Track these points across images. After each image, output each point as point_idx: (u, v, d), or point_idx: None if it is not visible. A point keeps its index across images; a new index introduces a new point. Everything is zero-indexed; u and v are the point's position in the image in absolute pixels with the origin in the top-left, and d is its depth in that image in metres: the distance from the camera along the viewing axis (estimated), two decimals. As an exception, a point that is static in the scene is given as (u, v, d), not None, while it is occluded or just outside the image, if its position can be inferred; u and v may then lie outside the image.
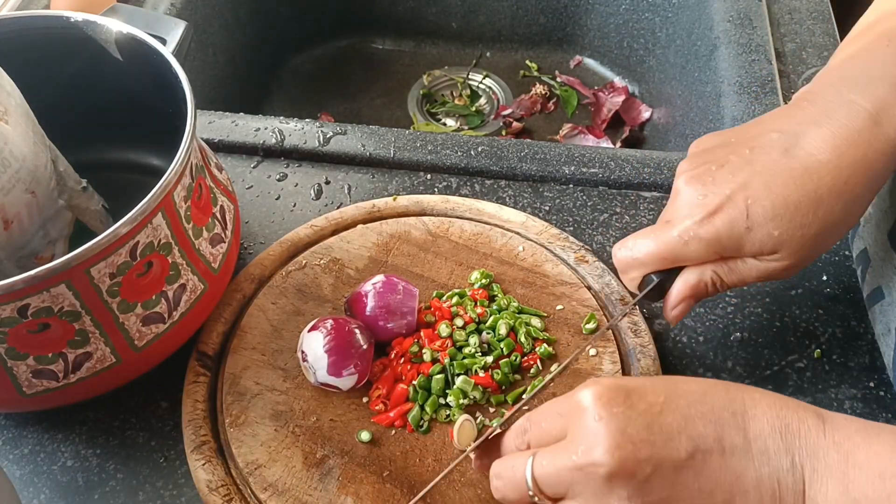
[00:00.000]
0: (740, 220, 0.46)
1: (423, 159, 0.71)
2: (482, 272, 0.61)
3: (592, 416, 0.39)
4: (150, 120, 0.60)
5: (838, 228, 0.47)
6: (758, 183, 0.46)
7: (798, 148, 0.46)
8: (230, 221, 0.57)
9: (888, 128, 0.45)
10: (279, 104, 1.08)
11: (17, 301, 0.45)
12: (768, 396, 0.41)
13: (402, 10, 1.12)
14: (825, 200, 0.45)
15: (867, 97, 0.46)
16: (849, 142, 0.45)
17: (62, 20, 0.58)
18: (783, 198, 0.45)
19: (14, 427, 0.56)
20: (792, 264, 0.47)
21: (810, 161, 0.45)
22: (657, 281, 0.50)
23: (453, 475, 0.51)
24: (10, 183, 0.50)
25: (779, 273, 0.48)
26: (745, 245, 0.47)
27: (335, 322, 0.54)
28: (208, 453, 0.52)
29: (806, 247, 0.46)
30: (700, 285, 0.49)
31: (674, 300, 0.50)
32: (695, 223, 0.47)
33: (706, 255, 0.48)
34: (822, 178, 0.45)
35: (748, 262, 0.48)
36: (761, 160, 0.46)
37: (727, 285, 0.49)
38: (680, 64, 0.95)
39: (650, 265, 0.50)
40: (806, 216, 0.45)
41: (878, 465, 0.38)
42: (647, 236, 0.49)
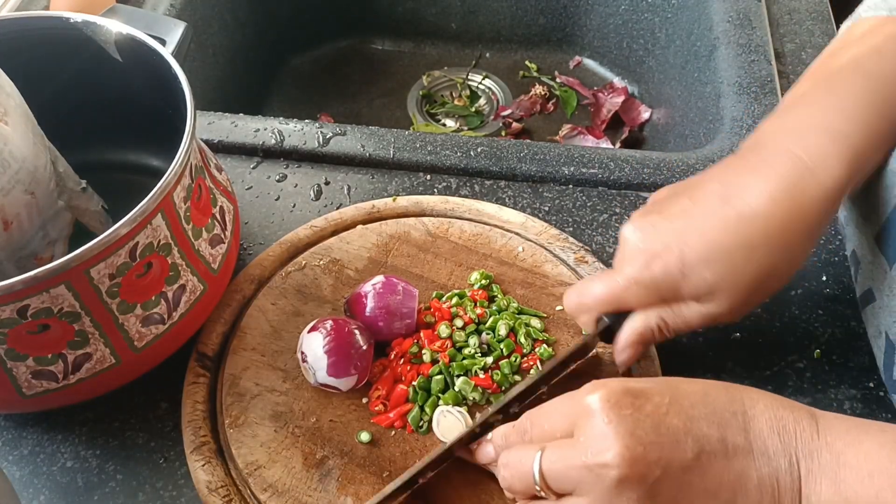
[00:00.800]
0: (675, 266, 0.47)
1: (422, 160, 0.71)
2: (482, 273, 0.61)
3: (602, 419, 0.40)
4: (149, 121, 0.60)
5: (777, 274, 0.48)
6: (693, 230, 0.47)
7: (735, 197, 0.47)
8: (230, 222, 0.57)
9: (823, 177, 0.46)
10: (279, 105, 1.08)
11: (16, 302, 0.45)
12: (765, 396, 0.42)
13: (401, 10, 1.12)
14: (759, 247, 0.46)
15: (803, 147, 0.47)
16: (783, 191, 0.46)
17: (62, 21, 0.58)
18: (717, 244, 0.47)
19: (14, 428, 0.56)
20: (731, 307, 0.48)
21: (745, 209, 0.46)
22: (608, 323, 0.52)
23: (453, 474, 0.51)
24: (10, 184, 0.50)
25: (723, 316, 0.49)
26: (683, 289, 0.48)
27: (335, 323, 0.54)
28: (208, 454, 0.52)
29: (742, 291, 0.48)
30: (646, 331, 0.51)
31: (621, 345, 0.52)
32: (635, 270, 0.49)
33: (647, 300, 0.50)
34: (756, 226, 0.46)
35: (690, 306, 0.49)
36: (699, 209, 0.48)
37: (673, 330, 0.50)
38: (679, 64, 0.95)
39: (597, 309, 0.52)
40: (739, 263, 0.46)
41: (868, 464, 0.39)
42: (593, 282, 0.52)
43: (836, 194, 0.47)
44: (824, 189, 0.46)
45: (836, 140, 0.46)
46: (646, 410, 0.40)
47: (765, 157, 0.48)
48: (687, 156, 0.71)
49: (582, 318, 0.53)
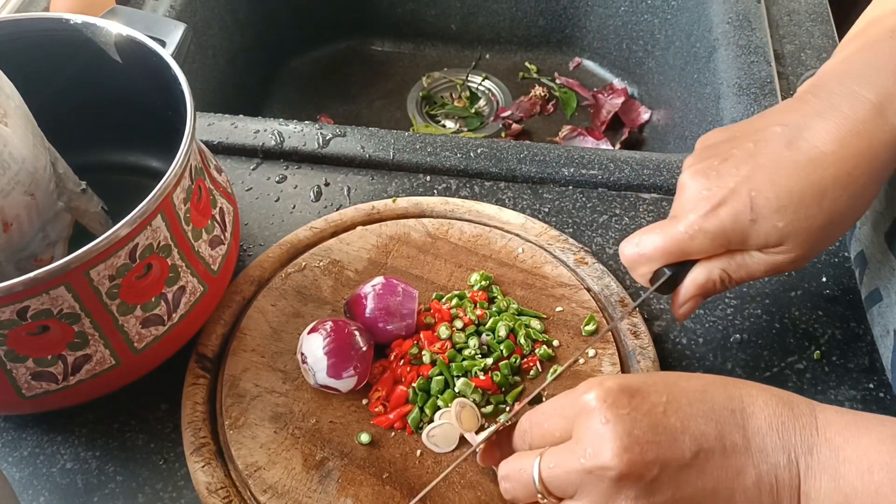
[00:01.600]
0: (745, 213, 0.46)
1: (422, 161, 0.71)
2: (482, 274, 0.61)
3: (599, 419, 0.40)
4: (149, 122, 0.60)
5: (844, 220, 0.47)
6: (761, 175, 0.46)
7: (802, 140, 0.46)
8: (230, 223, 0.57)
9: (892, 118, 0.45)
10: (278, 106, 1.08)
11: (16, 303, 0.45)
12: (764, 392, 0.42)
13: (401, 11, 1.12)
14: (830, 191, 0.45)
15: (871, 88, 0.45)
16: (852, 133, 0.45)
17: (62, 22, 0.58)
18: (787, 189, 0.45)
19: (13, 429, 0.56)
20: (799, 256, 0.47)
21: (814, 152, 0.45)
22: (669, 274, 0.49)
23: (453, 477, 0.51)
24: (10, 185, 0.50)
25: (786, 266, 0.48)
26: (751, 237, 0.47)
27: (335, 324, 0.54)
28: (208, 455, 0.52)
29: (812, 238, 0.46)
30: (708, 283, 0.49)
31: (682, 298, 0.50)
32: (699, 217, 0.47)
33: (712, 249, 0.48)
34: (826, 170, 0.45)
35: (755, 256, 0.48)
36: (765, 153, 0.46)
37: (735, 281, 0.49)
38: (679, 65, 0.95)
39: (658, 260, 0.50)
40: (811, 207, 0.45)
41: (867, 459, 0.39)
42: (653, 232, 0.49)
43: None
44: (893, 130, 0.45)
45: None
46: (643, 409, 0.40)
47: (830, 100, 0.46)
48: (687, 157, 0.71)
49: (640, 270, 0.51)
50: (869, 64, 0.47)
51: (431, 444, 0.52)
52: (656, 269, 0.50)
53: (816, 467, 0.40)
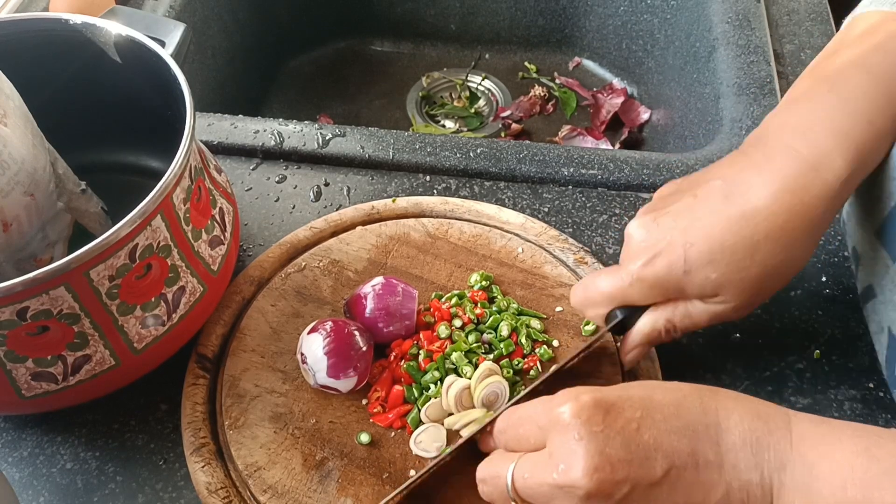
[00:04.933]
0: (678, 264, 0.48)
1: (422, 161, 0.71)
2: (482, 274, 0.61)
3: (572, 435, 0.40)
4: (149, 122, 0.60)
5: (781, 271, 0.48)
6: (696, 228, 0.47)
7: (737, 194, 0.47)
8: (229, 223, 0.57)
9: (826, 174, 0.46)
10: (278, 106, 1.08)
11: (16, 304, 0.45)
12: (740, 405, 0.42)
13: (400, 11, 1.12)
14: (762, 245, 0.46)
15: (806, 144, 0.47)
16: (785, 188, 0.46)
17: (61, 23, 0.58)
18: (720, 242, 0.47)
19: (13, 429, 0.56)
20: (737, 306, 0.49)
21: (747, 207, 0.47)
22: (619, 318, 0.52)
23: (452, 478, 0.51)
24: (9, 185, 0.50)
25: (729, 314, 0.49)
26: (687, 288, 0.48)
27: (334, 324, 0.54)
28: (207, 455, 0.52)
29: (748, 289, 0.48)
30: (653, 333, 0.51)
31: (629, 345, 0.52)
32: (638, 267, 0.49)
33: (651, 297, 0.50)
34: (759, 224, 0.46)
35: (697, 305, 0.49)
36: (702, 207, 0.48)
37: (680, 330, 0.51)
38: (679, 65, 0.95)
39: (602, 304, 0.52)
40: (743, 260, 0.47)
41: (840, 475, 0.39)
42: (599, 277, 0.52)
43: (840, 191, 0.47)
44: (827, 186, 0.46)
45: (838, 137, 0.46)
46: (617, 426, 0.40)
47: (767, 154, 0.48)
48: (686, 157, 0.71)
49: (588, 313, 0.54)
50: (805, 118, 0.48)
51: (420, 449, 0.52)
52: (609, 312, 0.52)
53: (790, 484, 0.40)
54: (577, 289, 0.53)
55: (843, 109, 0.47)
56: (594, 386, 0.43)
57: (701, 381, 0.57)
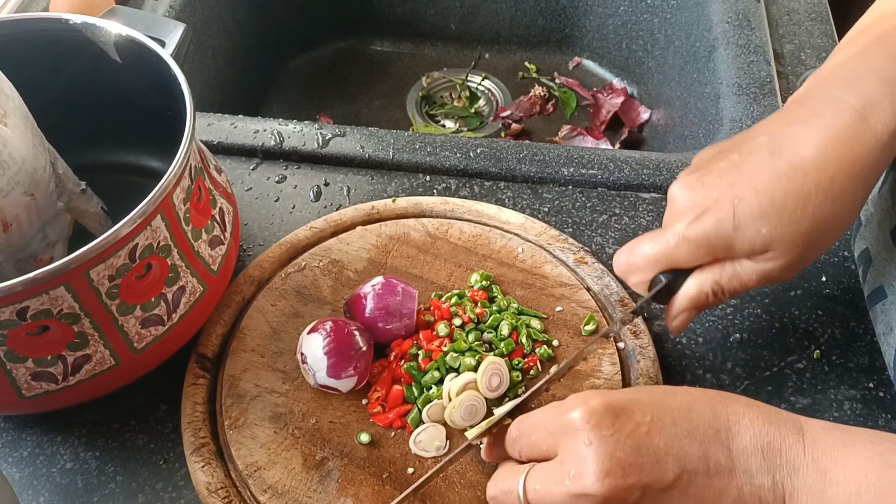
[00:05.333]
0: (727, 220, 0.46)
1: (422, 161, 0.71)
2: (482, 274, 0.61)
3: (582, 440, 0.40)
4: (149, 122, 0.60)
5: (833, 225, 0.47)
6: (744, 184, 0.46)
7: (784, 148, 0.46)
8: (229, 223, 0.57)
9: (875, 123, 0.45)
10: (278, 106, 1.08)
11: (16, 303, 0.45)
12: (751, 409, 0.42)
13: (400, 11, 1.12)
14: (812, 196, 0.45)
15: (854, 94, 0.46)
16: (834, 138, 0.45)
17: (61, 23, 0.58)
18: (769, 196, 0.45)
19: (13, 429, 0.56)
20: (788, 263, 0.47)
21: (795, 159, 0.45)
22: (664, 283, 0.50)
23: (452, 476, 0.51)
24: (9, 185, 0.50)
25: (778, 274, 0.48)
26: (736, 244, 0.47)
27: (334, 324, 0.54)
28: (207, 455, 0.52)
29: (799, 244, 0.46)
30: (700, 296, 0.49)
31: (675, 310, 0.51)
32: (684, 226, 0.48)
33: (698, 257, 0.48)
34: (808, 175, 0.45)
35: (745, 265, 0.48)
36: (749, 162, 0.47)
37: (728, 292, 0.49)
38: (679, 65, 0.95)
39: (647, 269, 0.50)
40: (794, 213, 0.45)
41: (854, 481, 0.39)
42: (642, 241, 0.50)
43: (890, 140, 0.45)
44: (877, 135, 0.45)
45: (885, 85, 0.45)
46: (627, 430, 0.40)
47: (814, 107, 0.47)
48: (686, 156, 0.71)
49: (632, 279, 0.52)
50: (853, 71, 0.47)
51: (419, 449, 0.52)
52: (653, 278, 0.50)
53: (803, 489, 0.39)
54: (619, 255, 0.52)
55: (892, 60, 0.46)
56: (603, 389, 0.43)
57: (701, 382, 0.57)
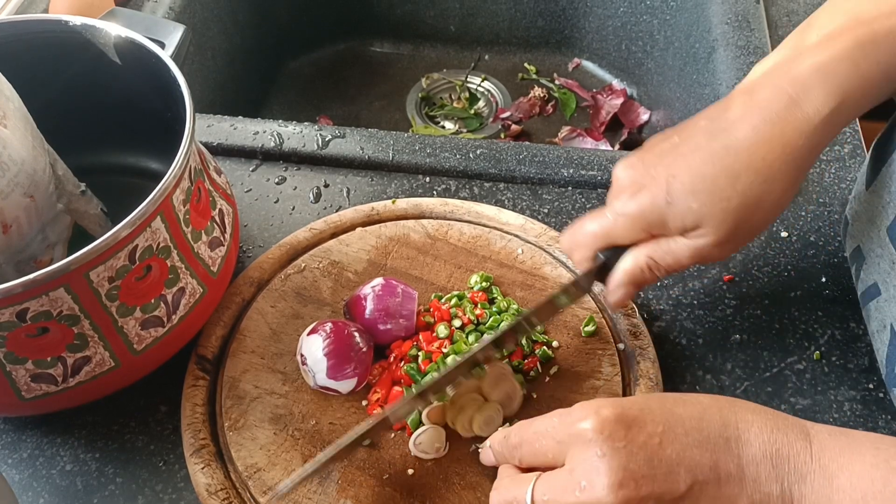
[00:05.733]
0: (660, 196, 0.48)
1: (421, 162, 0.71)
2: (481, 275, 0.61)
3: (594, 451, 0.40)
4: (148, 123, 0.60)
5: (763, 204, 0.48)
6: (679, 163, 0.48)
7: (720, 130, 0.48)
8: (229, 225, 0.57)
9: (808, 108, 0.47)
10: (278, 107, 1.08)
11: (15, 305, 0.45)
12: (759, 417, 0.42)
13: (400, 13, 1.12)
14: (743, 175, 0.47)
15: (789, 81, 0.47)
16: (766, 121, 0.47)
17: (61, 24, 0.58)
18: (701, 174, 0.47)
19: (13, 431, 0.56)
20: (719, 239, 0.48)
21: (728, 139, 0.47)
22: (602, 260, 0.52)
23: (452, 479, 0.51)
24: (9, 187, 0.50)
25: (710, 251, 0.49)
26: (668, 220, 0.49)
27: (334, 325, 0.54)
28: (207, 457, 0.52)
29: (729, 221, 0.48)
30: (636, 270, 0.51)
31: (612, 284, 0.52)
32: (621, 202, 0.50)
33: (634, 232, 0.50)
34: (739, 154, 0.47)
35: (678, 241, 0.49)
36: (687, 143, 0.49)
37: (663, 268, 0.50)
38: (678, 66, 0.95)
39: (588, 246, 0.52)
40: (724, 190, 0.47)
41: (861, 487, 0.39)
42: (585, 220, 0.52)
43: (822, 127, 0.47)
44: (807, 120, 0.47)
45: (820, 73, 0.47)
46: (639, 441, 0.40)
47: (750, 93, 0.49)
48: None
49: (575, 256, 0.53)
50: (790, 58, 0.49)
51: (419, 451, 0.52)
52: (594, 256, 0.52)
53: (809, 496, 0.40)
54: (564, 234, 0.54)
55: (828, 49, 0.48)
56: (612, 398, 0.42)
57: (701, 382, 0.57)
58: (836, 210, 0.68)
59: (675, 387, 0.57)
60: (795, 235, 0.66)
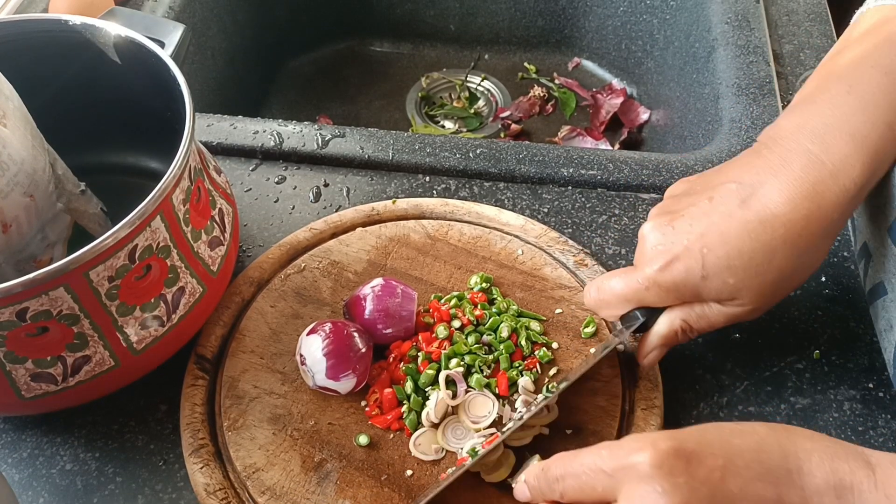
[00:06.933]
0: (696, 270, 0.48)
1: (421, 162, 0.71)
2: (481, 276, 0.61)
3: (654, 488, 0.38)
4: (148, 123, 0.60)
5: (798, 274, 0.49)
6: (713, 233, 0.47)
7: (754, 199, 0.47)
8: (229, 224, 0.57)
9: (844, 179, 0.46)
10: (277, 107, 1.08)
11: (15, 304, 0.45)
12: (818, 445, 0.41)
13: (399, 12, 1.12)
14: (779, 251, 0.46)
15: (824, 149, 0.47)
16: (803, 194, 0.46)
17: (61, 24, 0.58)
18: (738, 249, 0.47)
19: (13, 431, 0.56)
20: (753, 308, 0.49)
21: (765, 213, 0.47)
22: (642, 320, 0.52)
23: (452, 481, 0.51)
24: (9, 186, 0.50)
25: (745, 316, 0.50)
26: (703, 292, 0.49)
27: (334, 325, 0.54)
28: (206, 457, 0.52)
29: (765, 293, 0.48)
30: (670, 334, 0.51)
31: (647, 348, 0.53)
32: (654, 271, 0.49)
33: (667, 300, 0.50)
34: (776, 230, 0.46)
35: (713, 307, 0.50)
36: (718, 211, 0.48)
37: (696, 331, 0.51)
38: (678, 66, 0.95)
39: (616, 306, 0.52)
40: (760, 266, 0.47)
41: None
42: (613, 278, 0.52)
43: (857, 195, 0.47)
44: (845, 191, 0.46)
45: (856, 142, 0.46)
46: (700, 476, 0.38)
47: (784, 158, 0.48)
48: (686, 157, 0.71)
49: (602, 313, 0.54)
50: (823, 120, 0.48)
51: (419, 452, 0.52)
52: (629, 313, 0.52)
53: None
54: (590, 289, 0.53)
55: (860, 112, 0.47)
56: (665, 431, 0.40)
57: (701, 382, 0.57)
58: (836, 210, 0.68)
59: (675, 387, 0.57)
60: (795, 235, 0.66)
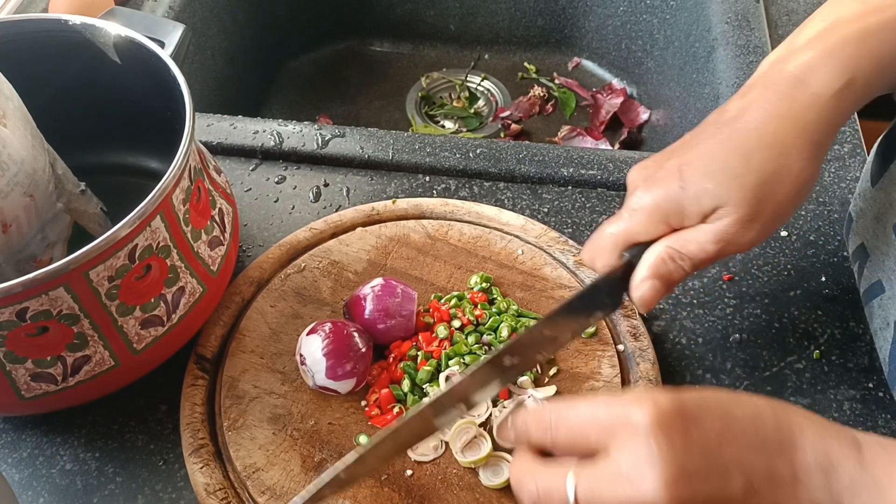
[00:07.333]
0: (674, 183, 0.47)
1: (421, 161, 0.71)
2: (481, 275, 0.61)
3: (649, 445, 0.37)
4: (148, 123, 0.60)
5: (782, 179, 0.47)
6: (691, 153, 0.48)
7: (728, 117, 0.48)
8: (229, 224, 0.57)
9: (814, 84, 0.46)
10: (277, 107, 1.08)
11: (15, 304, 0.45)
12: (812, 424, 0.40)
13: (400, 12, 1.12)
14: (756, 152, 0.46)
15: (794, 63, 0.48)
16: (773, 100, 0.47)
17: (61, 23, 0.58)
18: (712, 156, 0.47)
19: (13, 430, 0.56)
20: (741, 218, 0.46)
21: (737, 124, 0.48)
22: (629, 258, 0.49)
23: (451, 479, 0.51)
24: (9, 186, 0.50)
25: (735, 233, 0.47)
26: (686, 205, 0.47)
27: (334, 325, 0.54)
28: (206, 457, 0.52)
29: (749, 198, 0.46)
30: (658, 261, 0.48)
31: (635, 280, 0.49)
32: (636, 197, 0.49)
33: (653, 225, 0.48)
34: (749, 134, 0.47)
35: (700, 228, 0.48)
36: (696, 137, 0.49)
37: (688, 257, 0.48)
38: (678, 65, 0.95)
39: (609, 250, 0.50)
40: (738, 167, 0.46)
41: None
42: (603, 226, 0.51)
43: (833, 103, 0.46)
44: (816, 95, 0.46)
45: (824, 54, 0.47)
46: (695, 439, 0.38)
47: (755, 83, 0.49)
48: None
49: (598, 264, 0.51)
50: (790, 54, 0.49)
51: (417, 455, 0.52)
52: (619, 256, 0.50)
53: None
54: (585, 245, 0.52)
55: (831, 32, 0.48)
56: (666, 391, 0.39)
57: (701, 382, 0.57)
58: (836, 209, 0.68)
59: (675, 387, 0.57)
60: (795, 235, 0.66)
